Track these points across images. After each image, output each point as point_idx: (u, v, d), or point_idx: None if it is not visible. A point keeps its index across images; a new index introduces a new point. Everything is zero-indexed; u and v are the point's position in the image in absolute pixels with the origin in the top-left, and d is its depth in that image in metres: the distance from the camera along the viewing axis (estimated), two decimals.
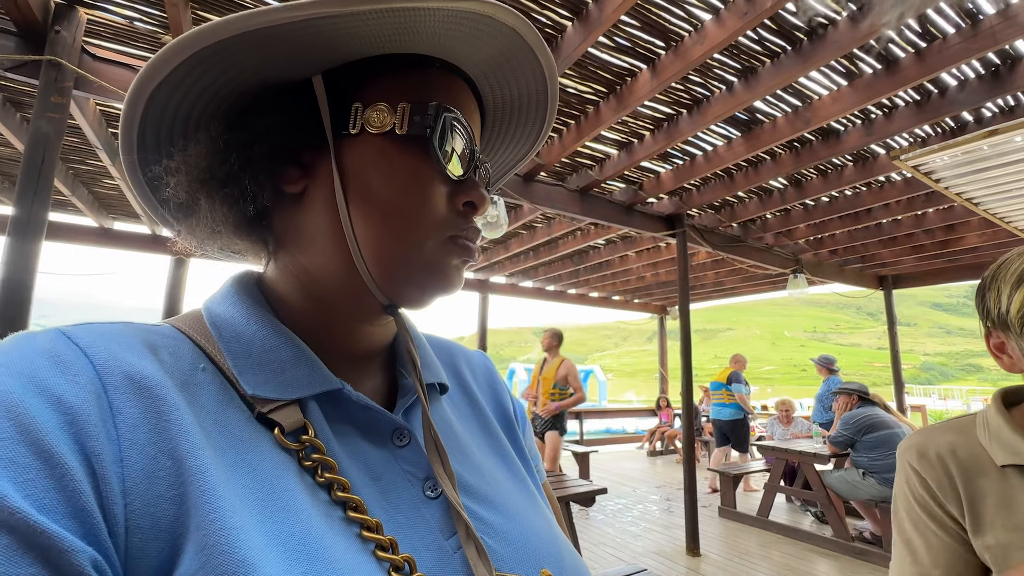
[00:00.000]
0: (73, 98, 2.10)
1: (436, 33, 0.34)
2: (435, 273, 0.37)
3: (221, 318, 0.36)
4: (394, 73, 0.37)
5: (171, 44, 0.31)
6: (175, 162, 0.36)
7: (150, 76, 0.32)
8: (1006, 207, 3.18)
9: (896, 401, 6.26)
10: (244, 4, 2.00)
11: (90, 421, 0.25)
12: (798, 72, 2.21)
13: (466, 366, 0.52)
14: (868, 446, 3.66)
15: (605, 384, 18.06)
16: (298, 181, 0.37)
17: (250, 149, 0.35)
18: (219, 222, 0.37)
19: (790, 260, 5.35)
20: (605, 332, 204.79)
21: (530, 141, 0.47)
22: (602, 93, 2.59)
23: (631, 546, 3.76)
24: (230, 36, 0.30)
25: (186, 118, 0.36)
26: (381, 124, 0.35)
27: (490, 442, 0.46)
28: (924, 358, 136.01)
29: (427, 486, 0.36)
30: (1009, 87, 2.28)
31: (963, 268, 5.92)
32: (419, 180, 0.36)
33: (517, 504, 0.40)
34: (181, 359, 0.32)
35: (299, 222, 0.37)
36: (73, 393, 0.26)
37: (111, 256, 25.26)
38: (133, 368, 0.29)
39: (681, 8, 2.02)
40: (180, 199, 0.36)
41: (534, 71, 0.40)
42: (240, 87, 0.36)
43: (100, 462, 0.25)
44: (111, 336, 0.30)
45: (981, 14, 1.99)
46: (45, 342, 0.28)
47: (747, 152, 2.99)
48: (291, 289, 0.38)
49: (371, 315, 0.39)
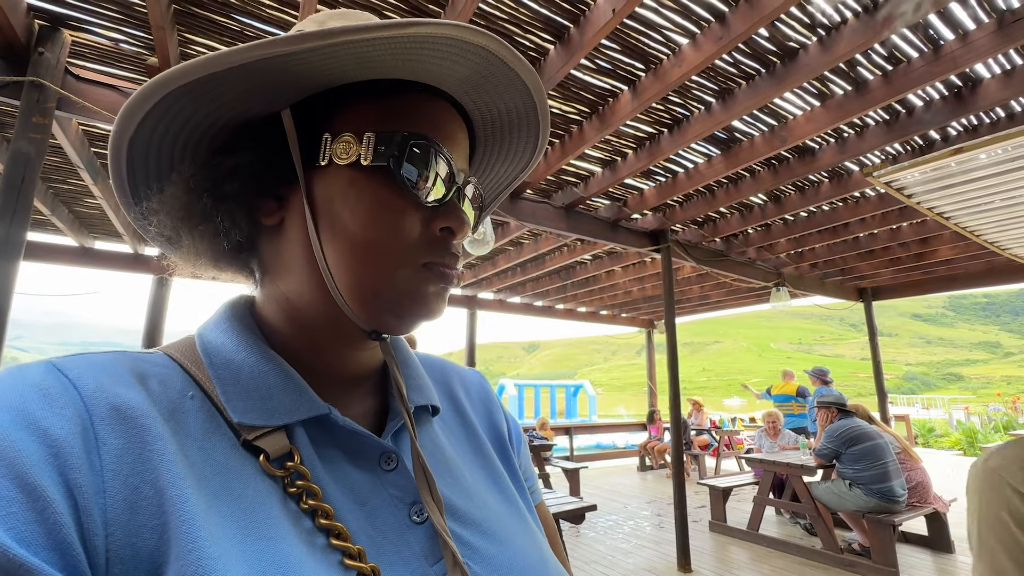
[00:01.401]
0: (56, 118, 2.09)
1: (401, 59, 0.34)
2: (411, 302, 0.36)
3: (212, 345, 0.36)
4: (361, 101, 0.36)
5: (134, 95, 0.32)
6: (154, 203, 0.37)
7: (123, 127, 0.33)
8: (975, 221, 3.29)
9: (880, 411, 6.35)
10: (227, 26, 2.03)
11: (74, 453, 0.26)
12: (772, 93, 2.29)
13: (460, 385, 0.52)
14: (853, 458, 3.69)
15: (595, 398, 18.01)
16: (274, 213, 0.37)
17: (221, 187, 0.36)
18: (201, 254, 0.38)
19: (772, 274, 5.45)
20: (594, 346, 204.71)
21: (527, 154, 0.46)
22: (585, 113, 2.65)
23: (622, 564, 3.72)
24: (181, 85, 0.31)
25: (158, 161, 0.37)
26: (348, 155, 0.35)
27: (482, 463, 0.45)
28: (906, 368, 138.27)
29: (413, 511, 0.35)
30: (972, 107, 2.39)
31: (938, 280, 6.08)
32: (387, 209, 0.35)
33: (506, 528, 0.40)
34: (170, 387, 0.32)
35: (278, 252, 0.38)
36: (59, 426, 0.26)
37: (91, 276, 24.56)
38: (120, 399, 0.29)
39: (659, 33, 2.10)
40: (165, 235, 0.38)
41: (516, 86, 0.38)
42: (206, 128, 0.36)
43: (82, 494, 0.25)
44: (101, 367, 0.31)
45: (942, 39, 2.10)
46: (36, 375, 0.28)
47: (727, 169, 3.07)
48: (277, 315, 0.39)
49: (355, 341, 0.39)
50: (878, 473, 3.56)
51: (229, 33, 2.06)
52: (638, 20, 2.03)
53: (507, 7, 1.96)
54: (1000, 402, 13.51)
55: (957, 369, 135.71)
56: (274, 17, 1.98)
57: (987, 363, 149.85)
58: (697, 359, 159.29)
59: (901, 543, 4.05)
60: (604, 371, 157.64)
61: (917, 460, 3.92)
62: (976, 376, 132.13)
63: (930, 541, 4.01)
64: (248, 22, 2.01)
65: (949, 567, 3.63)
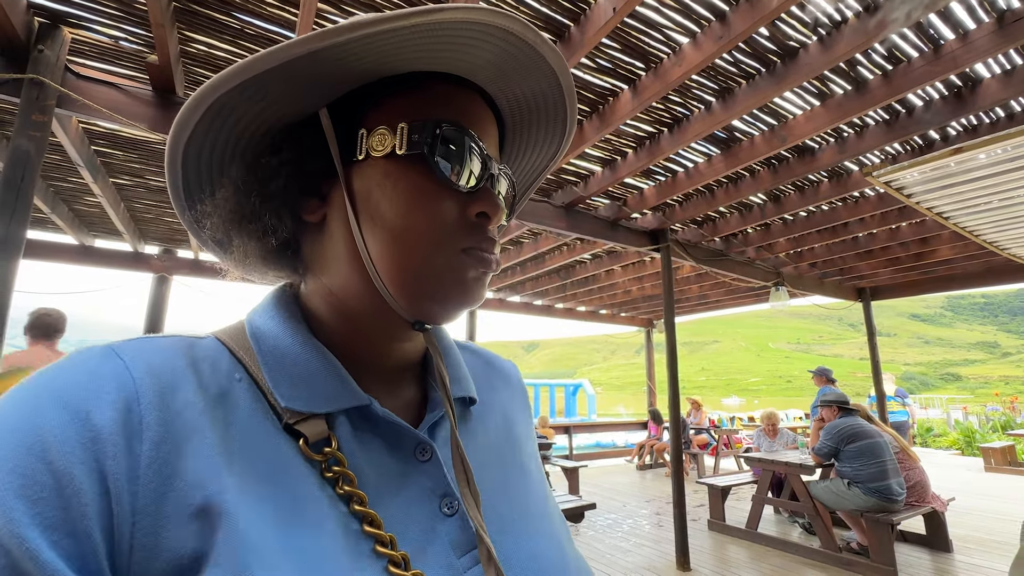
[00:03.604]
0: (56, 116, 2.09)
1: (427, 49, 0.34)
2: (452, 287, 0.37)
3: (261, 331, 0.37)
4: (395, 95, 0.37)
5: (187, 103, 0.34)
6: (207, 206, 0.39)
7: (178, 135, 0.35)
8: (974, 221, 3.30)
9: (878, 411, 6.36)
10: (227, 24, 2.02)
11: (112, 440, 0.27)
12: (772, 93, 2.29)
13: (499, 376, 0.53)
14: (852, 455, 3.70)
15: (594, 397, 18.02)
16: (317, 210, 0.39)
17: (267, 186, 0.37)
18: (250, 255, 0.40)
19: (771, 273, 5.46)
20: (593, 345, 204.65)
21: (557, 139, 0.46)
22: (585, 112, 2.65)
23: (621, 562, 3.72)
24: (229, 88, 0.33)
25: (210, 166, 0.39)
26: (384, 147, 0.36)
27: (513, 456, 0.46)
28: (904, 367, 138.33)
29: (444, 503, 0.36)
30: (971, 107, 2.40)
31: (937, 280, 6.09)
32: (423, 196, 0.36)
33: (529, 525, 0.40)
34: (219, 371, 0.34)
35: (322, 247, 0.39)
36: (103, 411, 0.27)
37: (91, 274, 24.61)
38: (168, 385, 0.30)
39: (660, 32, 2.10)
40: (217, 237, 0.40)
41: (540, 67, 0.38)
42: (252, 132, 0.38)
43: (115, 481, 0.26)
44: (156, 351, 0.32)
45: (942, 39, 2.10)
46: (92, 359, 0.30)
47: (727, 169, 3.07)
48: (322, 308, 0.40)
49: (399, 332, 0.40)
50: (876, 471, 3.56)
51: (229, 31, 2.06)
52: (638, 19, 2.03)
53: (508, 6, 1.96)
54: (998, 402, 13.53)
55: (955, 369, 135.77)
56: (275, 15, 1.98)
57: (985, 363, 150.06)
58: (696, 358, 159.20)
59: (899, 542, 4.05)
60: (603, 370, 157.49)
61: (915, 459, 3.93)
62: (974, 376, 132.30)
63: (928, 540, 4.02)
64: (248, 20, 2.01)
65: (947, 566, 3.64)
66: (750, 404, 64.13)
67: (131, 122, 2.17)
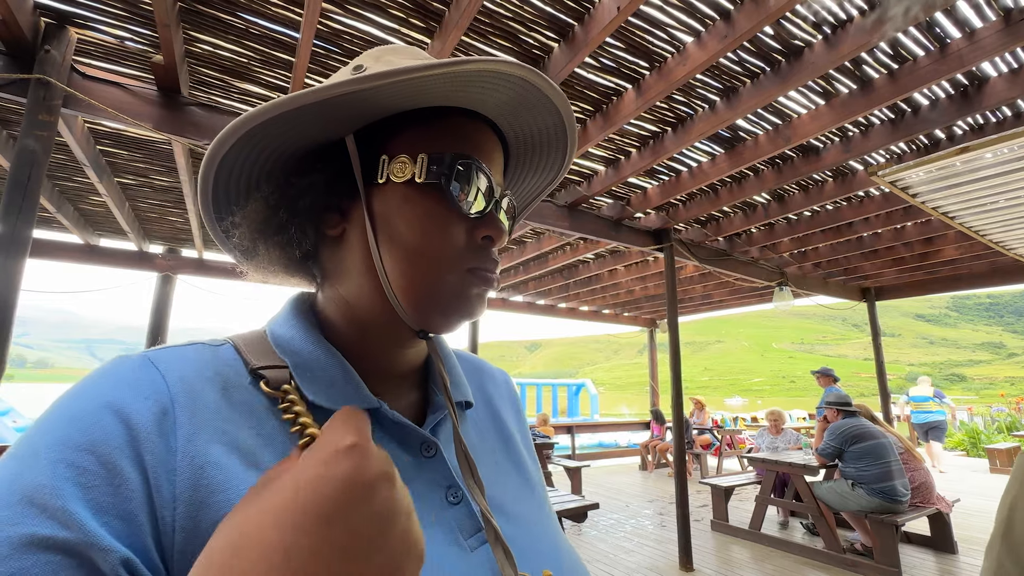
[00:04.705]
0: (62, 116, 2.10)
1: (452, 89, 0.39)
2: (456, 302, 0.41)
3: (283, 338, 0.42)
4: (416, 126, 0.42)
5: (227, 128, 0.37)
6: (237, 218, 0.43)
7: (214, 155, 0.39)
8: (980, 221, 3.28)
9: (883, 411, 6.33)
10: (232, 24, 2.03)
11: (151, 439, 0.31)
12: (777, 92, 2.28)
13: (490, 382, 0.57)
14: (855, 456, 3.69)
15: (597, 397, 18.00)
16: (337, 225, 0.42)
17: (295, 203, 0.42)
18: (274, 263, 0.44)
19: (775, 273, 5.44)
20: (596, 345, 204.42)
21: (556, 167, 0.51)
22: (589, 112, 2.65)
23: (625, 562, 3.72)
24: (269, 117, 0.36)
25: (242, 183, 0.43)
26: (404, 174, 0.40)
27: (508, 454, 0.50)
28: (909, 368, 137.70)
29: (449, 493, 0.40)
30: (978, 106, 2.38)
31: (943, 280, 6.06)
32: (438, 221, 0.40)
33: (527, 513, 0.45)
34: (240, 376, 0.38)
35: (339, 260, 0.43)
36: (142, 413, 0.31)
37: (96, 273, 24.88)
38: (197, 390, 0.35)
39: (664, 31, 2.09)
40: (244, 247, 0.44)
41: (547, 108, 0.43)
42: (284, 154, 0.42)
43: (155, 473, 0.30)
44: (186, 360, 0.37)
45: (948, 38, 2.09)
46: (130, 367, 0.34)
47: (731, 168, 3.06)
48: (336, 315, 0.44)
49: (404, 339, 0.44)
50: (881, 472, 3.55)
51: (234, 31, 2.06)
52: (643, 18, 2.03)
53: (512, 5, 1.96)
54: (1003, 403, 13.43)
55: (960, 370, 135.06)
56: (279, 15, 1.99)
57: (990, 364, 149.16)
58: (699, 358, 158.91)
59: (904, 543, 4.04)
60: (606, 370, 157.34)
61: (920, 460, 3.91)
62: (979, 377, 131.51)
63: (933, 542, 4.00)
64: (253, 20, 2.01)
65: (952, 568, 3.62)
66: (753, 404, 63.93)
67: (136, 122, 2.18)
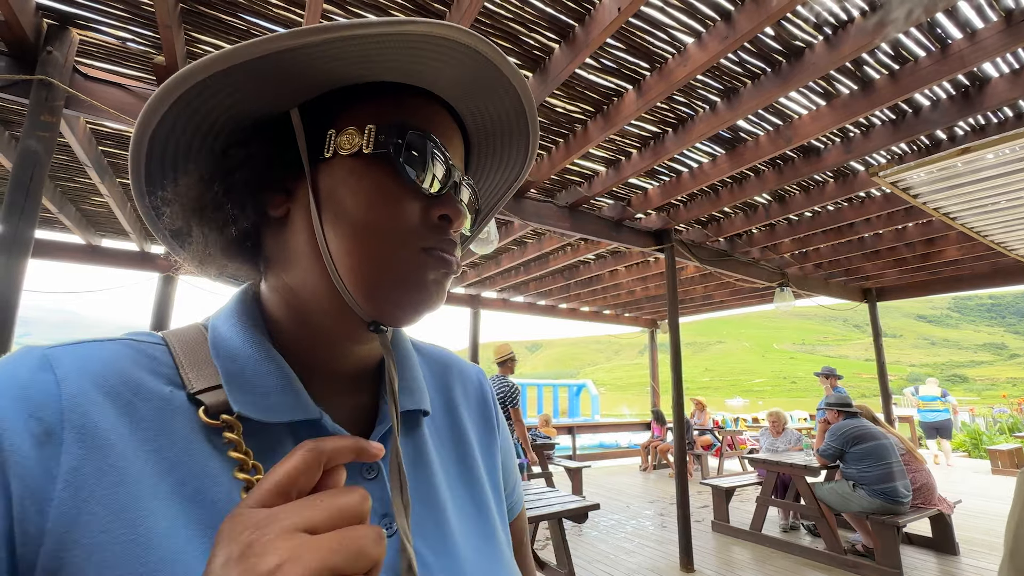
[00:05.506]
0: (64, 117, 2.10)
1: (396, 59, 0.35)
2: (410, 287, 0.37)
3: (222, 338, 0.38)
4: (366, 101, 0.38)
5: (158, 90, 0.33)
6: (169, 193, 0.38)
7: (147, 121, 0.35)
8: (981, 221, 3.28)
9: (884, 412, 6.32)
10: (234, 25, 2.04)
11: (25, 463, 0.27)
12: (778, 92, 2.28)
13: (459, 383, 0.52)
14: (856, 457, 3.68)
15: (597, 398, 18.01)
16: (281, 205, 0.39)
17: (232, 177, 0.38)
18: (210, 245, 0.40)
19: (776, 274, 5.44)
20: (596, 346, 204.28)
21: (520, 160, 0.47)
22: (589, 112, 2.65)
23: (625, 563, 3.72)
24: (200, 79, 0.33)
25: (175, 154, 0.38)
26: (351, 146, 0.36)
27: (461, 471, 0.46)
28: (910, 369, 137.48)
29: (384, 523, 0.36)
30: (979, 107, 2.38)
31: (944, 280, 6.05)
32: (387, 195, 0.37)
33: (467, 545, 0.40)
34: (158, 381, 0.34)
35: (283, 243, 0.39)
36: (18, 432, 0.27)
37: (98, 273, 24.51)
38: (96, 407, 0.30)
39: (664, 32, 2.09)
40: (175, 226, 0.39)
41: (504, 87, 0.40)
42: (222, 124, 0.38)
43: (21, 505, 0.26)
44: (92, 362, 0.32)
45: (950, 38, 2.09)
46: (25, 370, 0.30)
47: (731, 169, 3.06)
48: (280, 308, 0.40)
49: (354, 333, 0.39)
50: (882, 473, 3.54)
51: (236, 32, 2.07)
52: (643, 19, 2.03)
53: (513, 6, 1.96)
54: (1005, 404, 13.40)
55: (962, 371, 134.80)
56: (280, 16, 1.99)
57: (992, 364, 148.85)
58: (700, 359, 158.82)
59: (905, 545, 4.03)
60: (607, 371, 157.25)
61: (922, 461, 3.90)
62: (981, 378, 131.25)
63: (935, 543, 3.99)
64: (255, 21, 2.02)
65: (954, 569, 3.61)
66: (754, 405, 63.80)
67: None
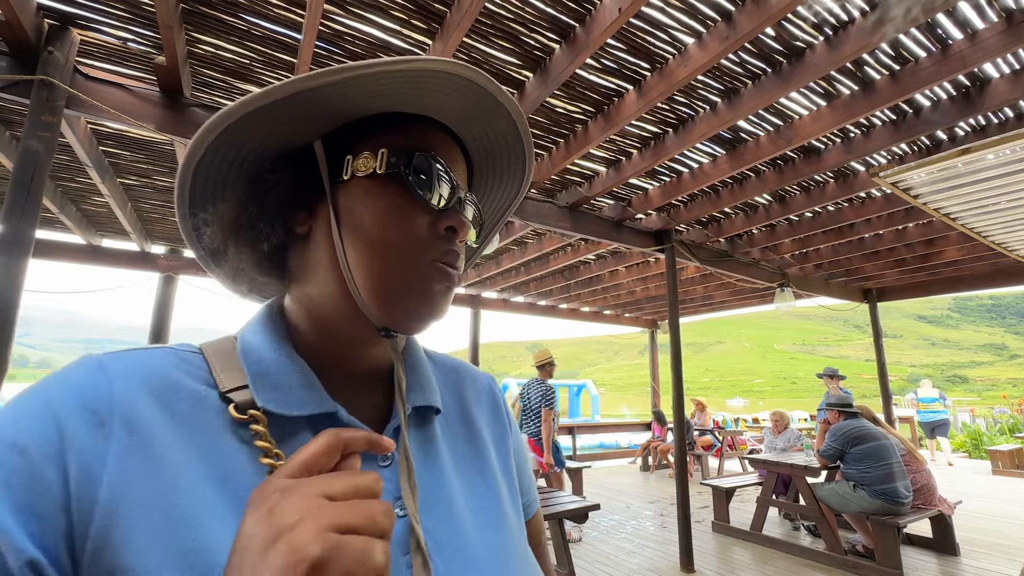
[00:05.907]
0: (65, 117, 2.11)
1: (405, 93, 0.41)
2: (418, 298, 0.42)
3: (250, 346, 0.43)
4: (380, 130, 0.44)
5: (204, 126, 0.39)
6: (208, 215, 0.44)
7: (194, 153, 0.40)
8: (982, 222, 3.27)
9: (884, 412, 6.32)
10: (235, 25, 2.04)
11: (81, 447, 0.31)
12: (778, 93, 2.28)
13: (471, 388, 0.56)
14: (857, 457, 3.68)
15: (598, 398, 18.01)
16: (304, 223, 0.44)
17: (264, 199, 0.44)
18: (243, 261, 0.45)
19: (776, 274, 5.43)
20: (597, 346, 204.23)
21: (517, 181, 0.53)
22: (590, 113, 2.65)
23: (626, 563, 3.72)
24: (245, 112, 0.38)
25: (214, 182, 0.44)
26: (366, 168, 0.42)
27: (477, 467, 0.49)
28: (911, 369, 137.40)
29: (398, 505, 0.39)
30: (979, 107, 2.38)
31: (944, 281, 6.05)
32: (399, 211, 0.42)
33: (476, 527, 0.43)
34: (202, 383, 0.39)
35: (306, 257, 0.44)
36: (76, 422, 0.32)
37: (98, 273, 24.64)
38: (142, 402, 0.35)
39: (665, 32, 2.09)
40: (214, 245, 0.45)
41: (502, 114, 0.45)
42: (256, 154, 0.43)
43: (78, 484, 0.30)
44: (140, 367, 0.37)
45: (950, 39, 2.09)
46: (81, 373, 0.35)
47: (732, 169, 3.06)
48: (302, 317, 0.45)
49: (368, 338, 0.44)
50: (882, 474, 3.54)
51: (236, 32, 2.07)
52: (644, 19, 2.03)
53: (513, 6, 1.96)
54: (1006, 404, 13.39)
55: (962, 371, 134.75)
56: (281, 17, 1.99)
57: (992, 365, 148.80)
58: (700, 359, 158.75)
59: (906, 545, 4.03)
60: (607, 371, 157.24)
61: (922, 462, 3.90)
62: (981, 378, 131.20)
63: (935, 544, 3.99)
64: (255, 21, 2.02)
65: (954, 570, 3.61)
66: (754, 405, 63.81)
67: (139, 123, 2.18)
